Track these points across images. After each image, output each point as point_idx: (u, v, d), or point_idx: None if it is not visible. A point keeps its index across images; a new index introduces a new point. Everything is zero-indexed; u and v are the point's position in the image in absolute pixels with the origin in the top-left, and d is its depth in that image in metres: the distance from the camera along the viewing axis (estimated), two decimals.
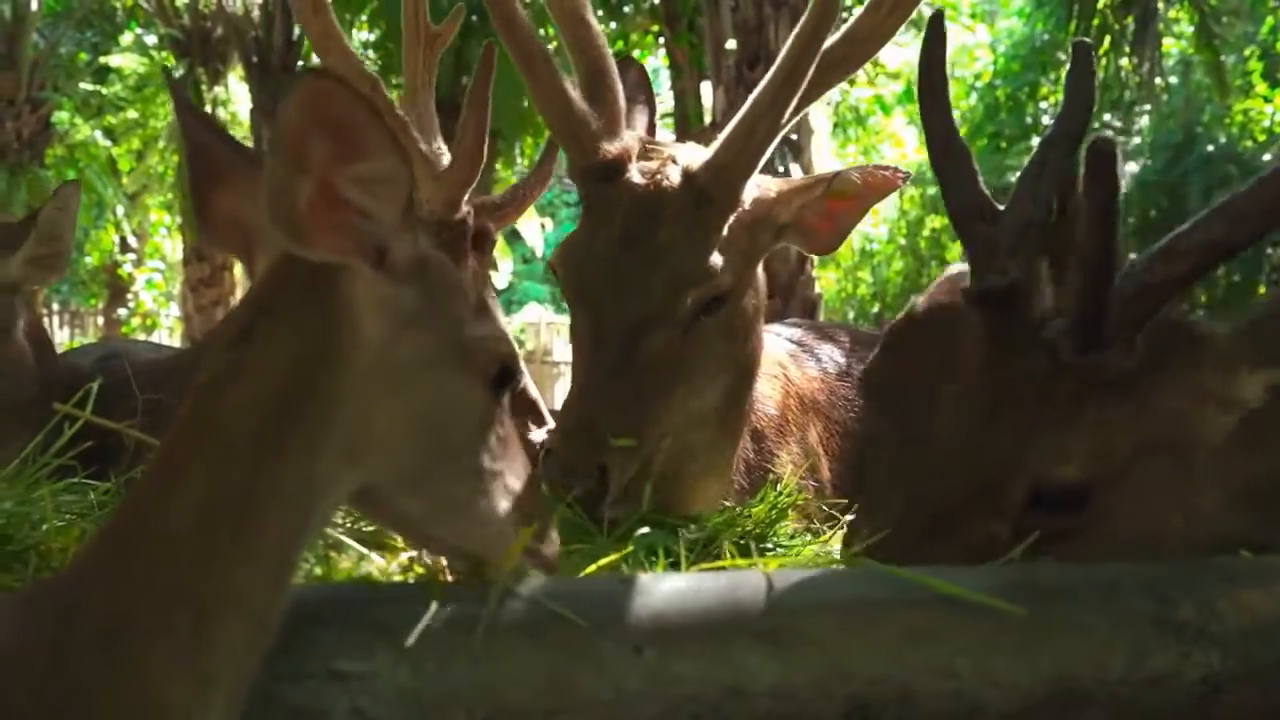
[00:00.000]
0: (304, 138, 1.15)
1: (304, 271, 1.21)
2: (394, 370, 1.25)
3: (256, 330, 1.22)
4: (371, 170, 1.19)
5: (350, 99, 1.15)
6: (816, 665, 1.34)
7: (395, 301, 1.26)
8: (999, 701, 1.36)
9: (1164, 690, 1.39)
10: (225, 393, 1.19)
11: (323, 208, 1.18)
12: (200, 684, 1.14)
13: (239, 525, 1.16)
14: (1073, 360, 1.59)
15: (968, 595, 1.38)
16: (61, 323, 19.88)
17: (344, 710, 1.28)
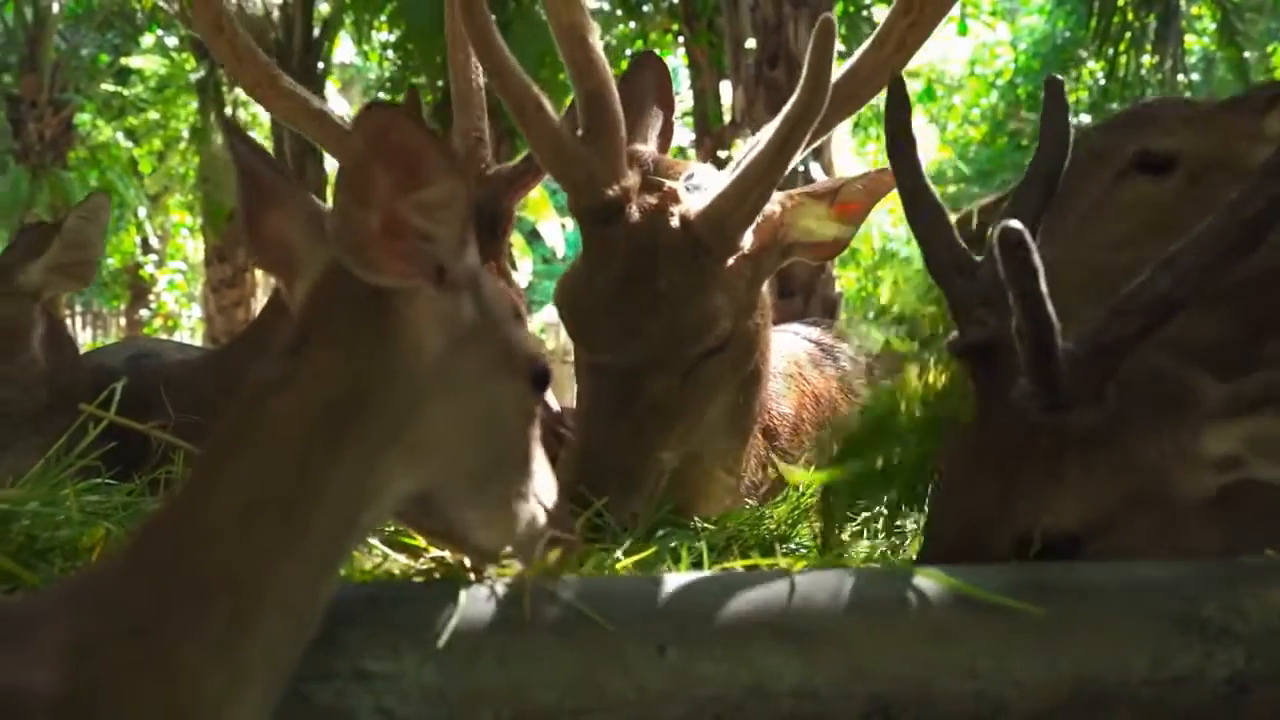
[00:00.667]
0: (368, 171, 1.19)
1: (360, 290, 1.24)
2: (451, 380, 1.29)
3: (309, 342, 1.25)
4: (432, 196, 1.23)
5: (409, 128, 1.19)
6: (838, 665, 1.35)
7: (454, 316, 1.29)
8: (1020, 702, 1.36)
9: (1188, 690, 1.38)
10: (275, 399, 1.22)
11: (388, 236, 1.22)
12: (234, 676, 1.15)
13: (283, 523, 1.18)
14: (1037, 420, 1.60)
15: (987, 596, 1.39)
16: (84, 324, 19.99)
17: (370, 709, 1.29)
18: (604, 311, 2.08)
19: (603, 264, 2.11)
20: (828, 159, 10.22)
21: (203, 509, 1.18)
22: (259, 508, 1.18)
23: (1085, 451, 1.60)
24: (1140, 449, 1.61)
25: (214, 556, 1.16)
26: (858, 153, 15.72)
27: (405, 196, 1.22)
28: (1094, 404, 1.60)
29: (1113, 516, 1.60)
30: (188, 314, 20.03)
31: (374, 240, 1.21)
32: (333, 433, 1.21)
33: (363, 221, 1.20)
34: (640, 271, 2.09)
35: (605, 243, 2.11)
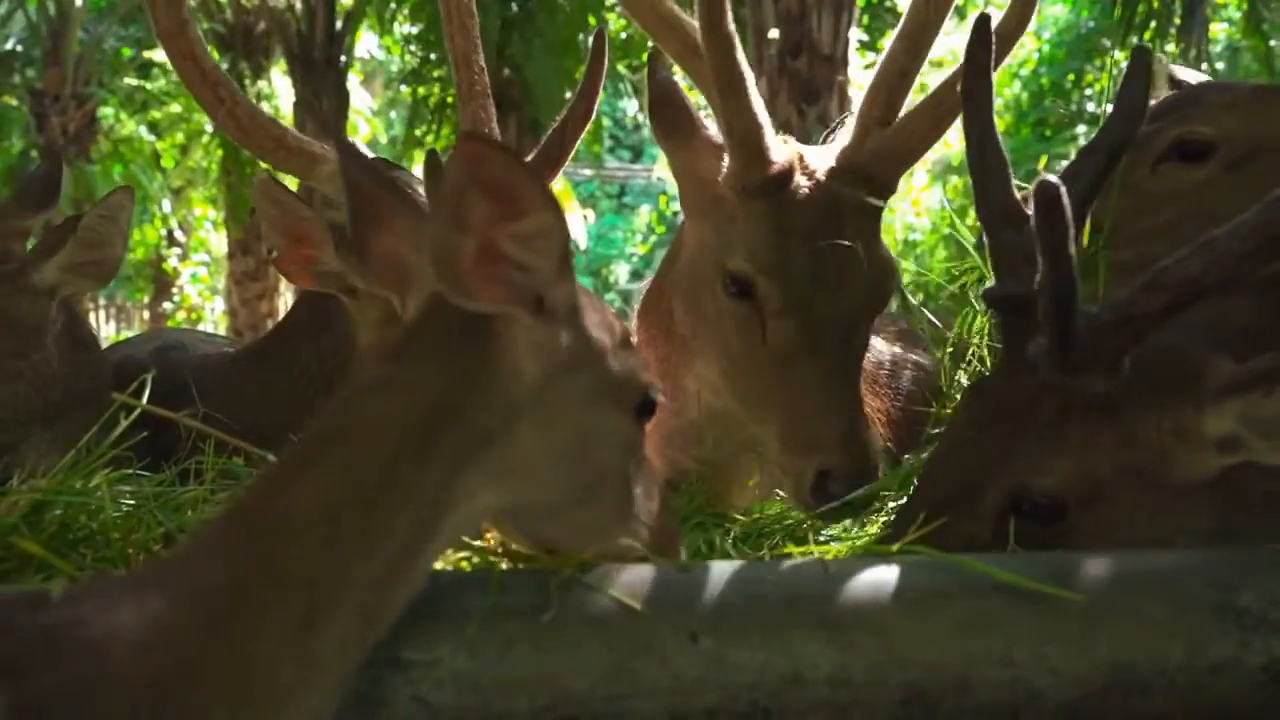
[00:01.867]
0: (463, 198, 1.22)
1: (461, 310, 1.27)
2: (548, 407, 1.32)
3: (409, 352, 1.29)
4: (528, 227, 1.25)
5: (505, 161, 1.21)
6: (874, 653, 1.35)
7: (551, 344, 1.32)
8: (1056, 690, 1.36)
9: (1225, 678, 1.38)
10: (370, 403, 1.27)
11: (484, 262, 1.25)
12: (307, 666, 1.17)
13: (364, 524, 1.20)
14: (1052, 380, 1.62)
15: (1025, 583, 1.38)
16: (108, 317, 20.09)
17: (405, 698, 1.30)
18: (816, 275, 2.07)
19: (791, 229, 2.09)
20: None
21: (287, 503, 1.20)
22: (343, 506, 1.20)
23: (1089, 418, 1.61)
24: (1143, 425, 1.61)
25: (294, 551, 1.18)
26: None
27: (502, 226, 1.24)
28: (1107, 373, 1.61)
29: (1104, 488, 1.62)
30: (211, 307, 20.10)
31: (469, 266, 1.24)
32: (422, 442, 1.24)
33: (458, 246, 1.23)
34: (832, 228, 2.09)
35: (785, 209, 2.10)
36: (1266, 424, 1.55)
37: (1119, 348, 1.61)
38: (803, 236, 2.06)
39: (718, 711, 1.32)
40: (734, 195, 2.11)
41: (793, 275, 2.05)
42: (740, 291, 2.08)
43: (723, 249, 2.12)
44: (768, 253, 2.07)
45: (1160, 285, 1.59)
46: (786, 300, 2.05)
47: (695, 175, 2.18)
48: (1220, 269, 1.57)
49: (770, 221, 2.08)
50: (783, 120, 10.12)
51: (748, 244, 2.08)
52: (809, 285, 2.05)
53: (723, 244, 2.13)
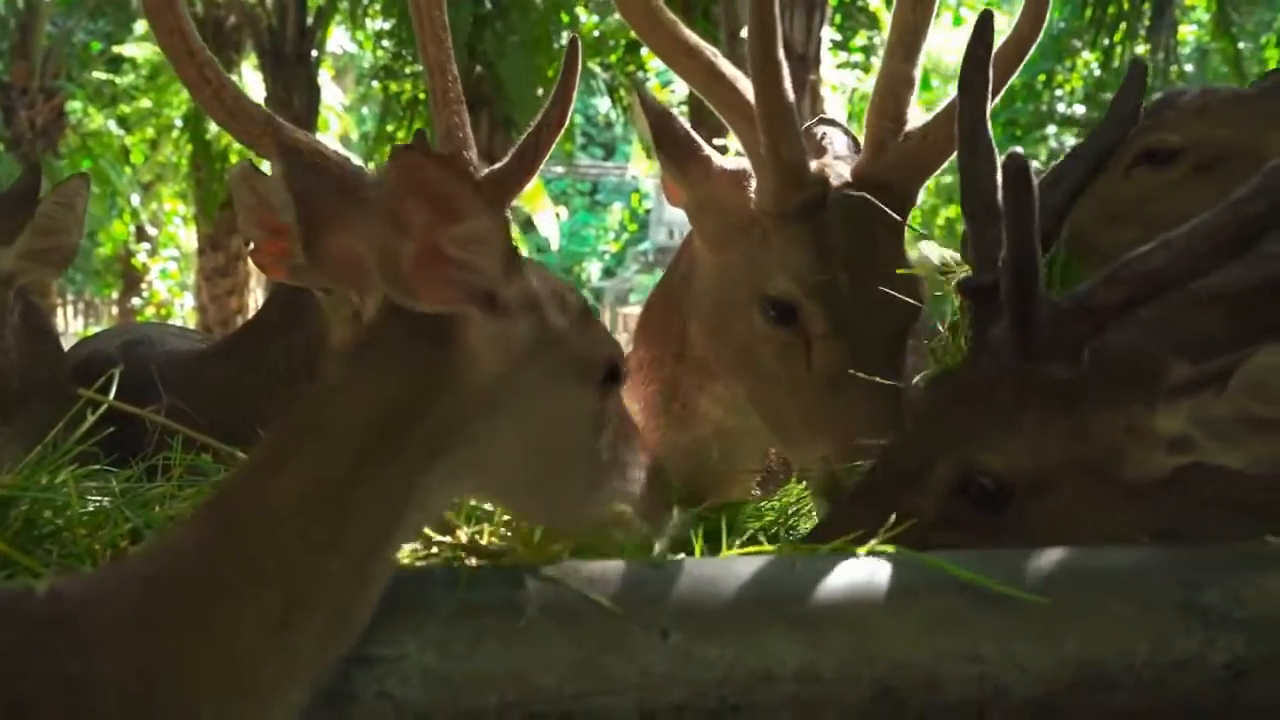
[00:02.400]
0: (402, 204, 1.25)
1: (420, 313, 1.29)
2: (514, 397, 1.33)
3: (372, 350, 1.32)
4: (466, 231, 1.28)
5: (440, 170, 1.25)
6: (843, 650, 1.35)
7: (509, 338, 1.34)
8: (1023, 686, 1.37)
9: (1189, 675, 1.39)
10: (336, 399, 1.30)
11: (428, 265, 1.27)
12: (287, 661, 1.19)
13: (336, 519, 1.23)
14: (1011, 363, 1.64)
15: (993, 585, 1.39)
16: (75, 312, 19.96)
17: (373, 694, 1.30)
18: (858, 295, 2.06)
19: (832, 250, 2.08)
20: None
21: (262, 499, 1.23)
22: (315, 502, 1.23)
23: (1045, 406, 1.63)
24: (1098, 420, 1.63)
25: (270, 543, 1.21)
26: None
27: (441, 231, 1.27)
28: (1066, 361, 1.63)
29: (1054, 478, 1.63)
30: (180, 303, 19.97)
31: (411, 268, 1.27)
32: (387, 439, 1.26)
33: (399, 250, 1.26)
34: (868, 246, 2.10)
35: (824, 230, 2.09)
36: (1216, 424, 1.56)
37: (1078, 337, 1.63)
38: (843, 257, 2.06)
39: (686, 708, 1.32)
40: (770, 219, 2.10)
41: (838, 297, 2.05)
42: (781, 316, 2.07)
43: (759, 275, 2.10)
44: (812, 275, 2.06)
45: (1121, 279, 1.61)
46: (833, 323, 2.04)
47: (717, 205, 2.17)
48: (1179, 266, 1.59)
49: (812, 244, 2.07)
50: None
51: (790, 268, 2.07)
52: (853, 307, 2.04)
53: (758, 270, 2.11)
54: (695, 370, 2.25)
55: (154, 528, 1.71)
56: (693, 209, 2.19)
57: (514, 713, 1.31)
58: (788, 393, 2.07)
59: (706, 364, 2.22)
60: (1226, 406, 1.54)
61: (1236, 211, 1.57)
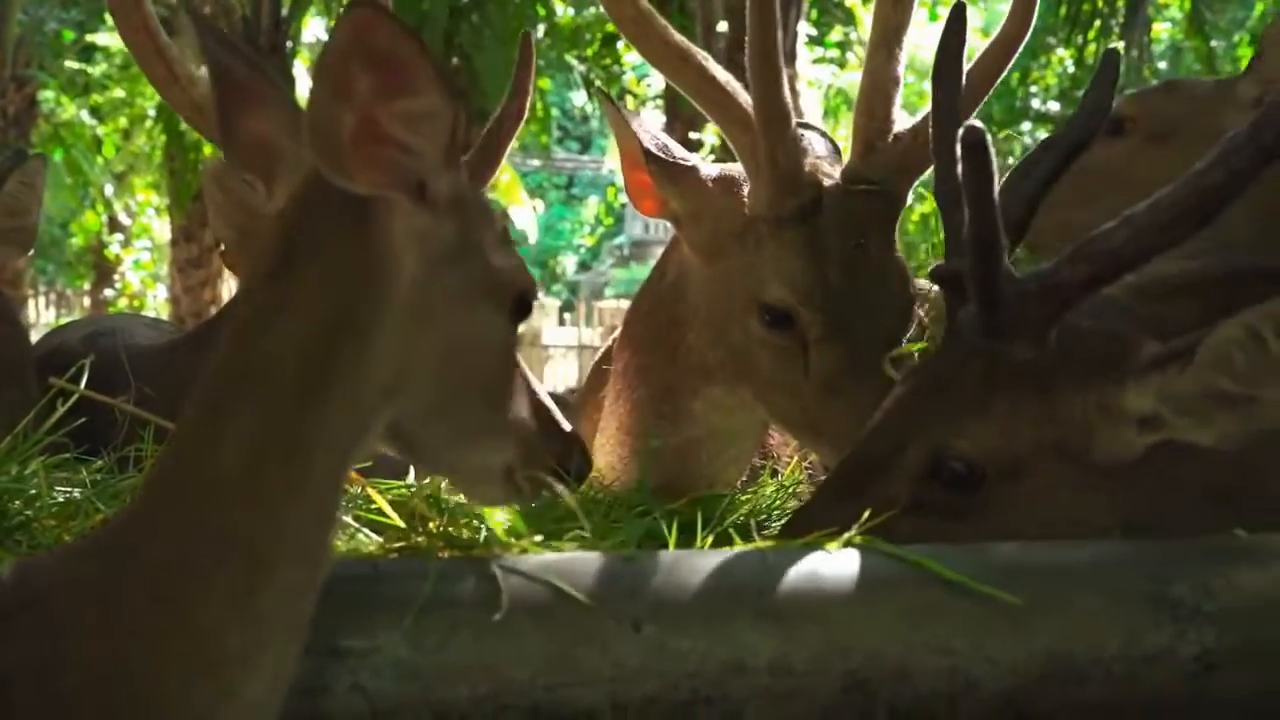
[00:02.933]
0: (348, 68, 1.15)
1: (340, 201, 1.21)
2: (430, 303, 1.26)
3: (294, 264, 1.22)
4: (415, 107, 1.20)
5: (396, 32, 1.14)
6: (815, 641, 1.36)
7: (433, 235, 1.27)
8: (994, 678, 1.38)
9: (1159, 668, 1.40)
10: (269, 329, 1.19)
11: (365, 141, 1.18)
12: (256, 629, 1.15)
13: (288, 466, 1.17)
14: (977, 344, 1.65)
15: (965, 581, 1.40)
16: (48, 303, 19.79)
17: (345, 687, 1.29)
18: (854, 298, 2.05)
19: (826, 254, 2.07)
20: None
21: (211, 462, 1.17)
22: (265, 455, 1.17)
23: (1015, 388, 1.64)
24: (1068, 400, 1.64)
25: (226, 512, 1.16)
26: None
27: (386, 103, 1.18)
28: (1032, 341, 1.64)
29: (1025, 460, 1.64)
30: (153, 294, 19.85)
31: (348, 143, 1.17)
32: (326, 364, 1.19)
33: (337, 121, 1.16)
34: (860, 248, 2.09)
35: (818, 234, 2.07)
36: (1184, 401, 1.57)
37: (1044, 317, 1.64)
38: (838, 261, 2.05)
39: (659, 700, 1.32)
40: (765, 224, 2.09)
41: (833, 302, 2.04)
42: (777, 321, 2.06)
43: (754, 281, 2.09)
44: (807, 280, 2.05)
45: (1084, 256, 1.62)
46: (829, 328, 2.03)
47: (710, 214, 2.15)
48: (1141, 241, 1.59)
49: (806, 248, 2.06)
50: None
51: (785, 274, 2.06)
52: (849, 310, 2.04)
53: (754, 276, 2.10)
54: (692, 375, 2.24)
55: None
56: (685, 219, 2.18)
57: (486, 705, 1.30)
58: (787, 396, 2.07)
59: (705, 369, 2.21)
60: (1193, 382, 1.55)
61: (1197, 183, 1.57)
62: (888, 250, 2.11)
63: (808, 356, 2.04)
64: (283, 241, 1.24)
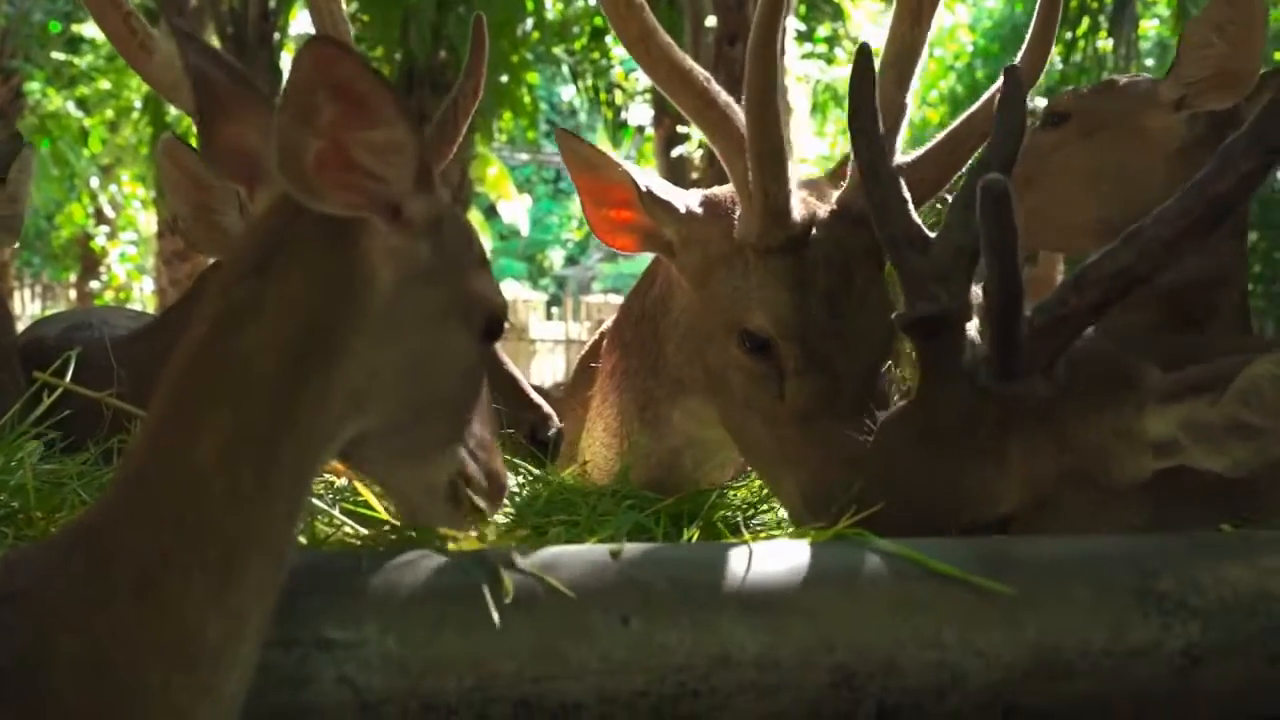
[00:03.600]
0: (312, 98, 1.18)
1: (319, 214, 1.22)
2: (402, 319, 1.28)
3: (274, 265, 1.23)
4: (379, 138, 1.22)
5: (356, 67, 1.17)
6: (803, 635, 1.36)
7: (409, 255, 1.29)
8: (982, 672, 1.38)
9: (1146, 662, 1.41)
10: (244, 328, 1.21)
11: (333, 165, 1.20)
12: (233, 621, 1.16)
13: (262, 464, 1.18)
14: (992, 388, 1.62)
15: (955, 572, 1.40)
16: (33, 295, 19.73)
17: (331, 678, 1.29)
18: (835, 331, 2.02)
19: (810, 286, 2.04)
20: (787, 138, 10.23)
21: (186, 455, 1.17)
22: (240, 449, 1.18)
23: (1029, 427, 1.62)
24: (1081, 427, 1.63)
25: (203, 505, 1.16)
26: (817, 134, 15.78)
27: (351, 133, 1.21)
28: (1045, 376, 1.62)
29: (1047, 495, 1.63)
30: (139, 286, 19.80)
31: (315, 166, 1.20)
32: (300, 365, 1.21)
33: (304, 145, 1.19)
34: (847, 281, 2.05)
35: (803, 266, 2.04)
36: (1205, 430, 1.58)
37: (1054, 350, 1.62)
38: (821, 294, 2.03)
39: (646, 693, 1.32)
40: (752, 252, 2.06)
41: (814, 335, 2.02)
42: (756, 348, 2.04)
43: (738, 306, 2.07)
44: (789, 313, 2.02)
45: (1090, 281, 1.60)
46: (807, 360, 2.01)
47: (699, 240, 2.12)
48: (1151, 257, 1.58)
49: (790, 280, 2.04)
50: None
51: (768, 303, 2.04)
52: (829, 344, 2.01)
53: (738, 301, 2.07)
54: (670, 385, 2.23)
55: None
56: (676, 247, 2.15)
57: (473, 697, 1.30)
58: (760, 422, 2.05)
59: (682, 381, 2.21)
60: (1220, 415, 1.56)
61: (1204, 192, 1.56)
62: (874, 283, 2.07)
63: (784, 385, 2.02)
64: (262, 243, 1.26)
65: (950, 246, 1.73)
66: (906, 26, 2.21)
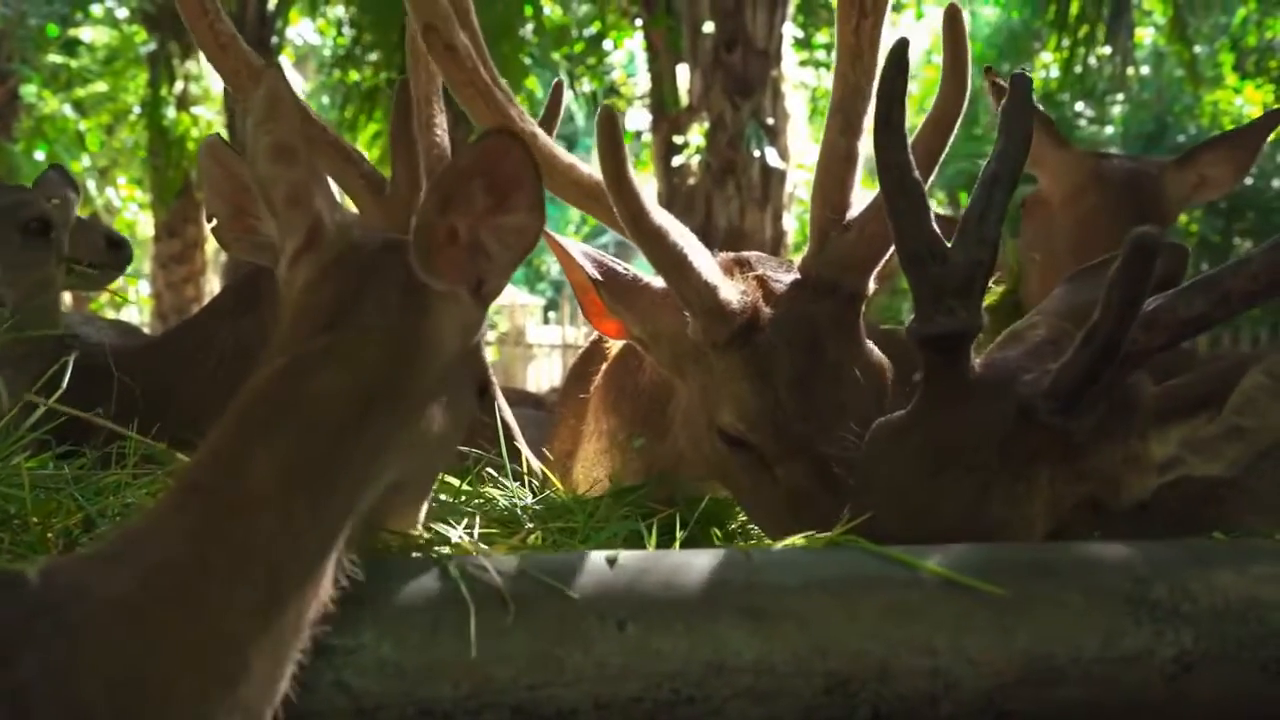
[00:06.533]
0: (468, 185, 1.28)
1: (401, 278, 1.31)
2: (452, 382, 1.37)
3: (349, 321, 1.31)
4: (514, 223, 1.31)
5: (524, 160, 1.27)
6: (797, 642, 1.36)
7: (475, 325, 1.38)
8: (974, 678, 1.38)
9: (1137, 669, 1.41)
10: (317, 372, 1.27)
11: (459, 244, 1.30)
12: (271, 642, 1.17)
13: (316, 496, 1.22)
14: (1047, 420, 1.61)
15: (951, 575, 1.40)
16: None
17: (328, 683, 1.29)
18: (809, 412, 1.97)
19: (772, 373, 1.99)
20: (784, 144, 10.25)
21: (242, 478, 1.20)
22: (296, 480, 1.21)
23: (1057, 457, 1.62)
24: (1097, 457, 1.64)
25: (254, 526, 1.19)
26: (815, 139, 15.78)
27: (490, 219, 1.30)
28: (1091, 411, 1.62)
29: (1063, 523, 1.64)
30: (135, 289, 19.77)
31: (445, 244, 1.29)
32: (365, 414, 1.27)
33: (439, 229, 1.29)
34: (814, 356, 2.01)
35: (761, 354, 1.99)
36: (1204, 443, 1.59)
37: (1108, 386, 1.61)
38: (787, 377, 1.98)
39: (642, 699, 1.33)
40: (709, 349, 2.02)
41: (786, 420, 1.97)
42: (733, 443, 2.00)
43: (710, 403, 2.04)
44: (754, 405, 1.98)
45: (1162, 324, 1.60)
46: (784, 449, 1.96)
47: (666, 335, 2.08)
48: (1226, 307, 1.60)
49: (749, 371, 1.99)
50: (716, 114, 10.16)
51: (732, 399, 2.00)
52: (805, 424, 1.96)
53: (708, 398, 2.04)
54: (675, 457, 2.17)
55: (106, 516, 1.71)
56: (646, 340, 2.11)
57: (469, 704, 1.31)
58: (762, 508, 2.01)
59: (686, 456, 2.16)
60: (1219, 427, 1.58)
61: None
62: (846, 351, 2.02)
63: (774, 471, 1.98)
64: (338, 299, 1.33)
65: (967, 261, 1.69)
66: (847, 64, 2.15)
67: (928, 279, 1.70)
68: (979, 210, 1.72)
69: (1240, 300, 1.59)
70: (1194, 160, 2.97)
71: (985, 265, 1.70)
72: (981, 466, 1.62)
